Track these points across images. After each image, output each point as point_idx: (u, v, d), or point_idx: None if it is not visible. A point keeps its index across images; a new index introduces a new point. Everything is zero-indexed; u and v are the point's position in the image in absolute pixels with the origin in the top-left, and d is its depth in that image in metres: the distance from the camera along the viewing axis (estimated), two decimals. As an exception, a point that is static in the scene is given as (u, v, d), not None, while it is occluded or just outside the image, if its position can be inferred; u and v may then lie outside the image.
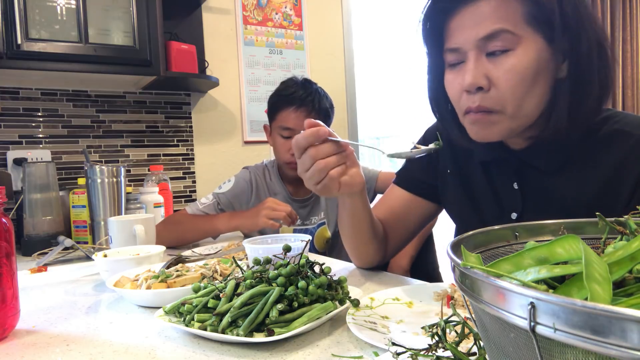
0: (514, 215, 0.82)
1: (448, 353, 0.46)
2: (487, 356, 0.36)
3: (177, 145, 2.21)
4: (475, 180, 0.89)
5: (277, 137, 1.48)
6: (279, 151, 1.49)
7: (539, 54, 0.69)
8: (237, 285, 0.67)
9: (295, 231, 1.54)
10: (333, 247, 1.58)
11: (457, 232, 0.98)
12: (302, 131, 0.76)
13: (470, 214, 0.90)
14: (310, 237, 0.90)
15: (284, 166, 1.51)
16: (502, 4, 0.69)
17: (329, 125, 1.52)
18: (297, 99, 1.44)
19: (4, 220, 0.68)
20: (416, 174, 1.00)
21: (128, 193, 1.54)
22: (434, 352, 0.47)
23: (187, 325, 0.64)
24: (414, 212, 1.00)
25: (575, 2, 0.69)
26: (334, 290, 0.70)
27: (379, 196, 1.66)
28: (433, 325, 0.49)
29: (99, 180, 1.36)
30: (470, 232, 0.40)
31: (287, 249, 0.74)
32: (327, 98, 1.51)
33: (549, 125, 0.73)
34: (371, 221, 0.92)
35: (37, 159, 1.86)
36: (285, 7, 2.49)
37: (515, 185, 0.82)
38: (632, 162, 0.72)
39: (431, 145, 0.75)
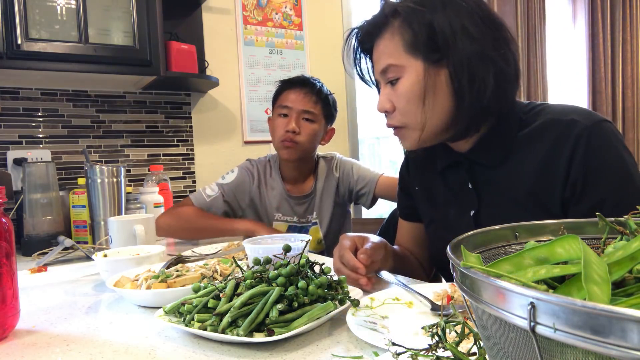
0: (472, 212, 0.90)
1: (448, 353, 0.46)
2: (487, 356, 0.37)
3: (177, 145, 2.21)
4: (437, 190, 0.98)
5: (276, 118, 1.50)
6: (275, 130, 1.50)
7: (419, 76, 0.81)
8: (237, 285, 0.67)
9: (291, 229, 1.55)
10: (326, 247, 1.58)
11: (429, 238, 1.05)
12: None
13: (438, 219, 0.99)
14: (310, 237, 0.90)
15: (279, 146, 1.49)
16: (388, 43, 0.84)
17: (331, 122, 1.56)
18: (298, 82, 1.50)
19: (3, 220, 0.68)
20: (404, 202, 1.11)
21: (128, 193, 1.54)
22: (434, 352, 0.47)
23: (187, 325, 0.64)
24: (423, 235, 1.09)
25: (448, 23, 0.78)
26: (334, 290, 0.70)
27: (380, 200, 1.66)
28: (433, 325, 0.49)
29: (99, 180, 1.36)
30: (470, 232, 0.40)
31: (287, 249, 0.74)
32: (330, 94, 1.54)
33: (454, 127, 0.84)
34: (401, 266, 1.02)
35: (37, 159, 1.86)
36: (285, 7, 2.49)
37: (470, 185, 0.90)
38: (563, 142, 0.79)
39: None
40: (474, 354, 0.46)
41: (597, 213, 0.40)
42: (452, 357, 0.46)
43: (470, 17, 0.79)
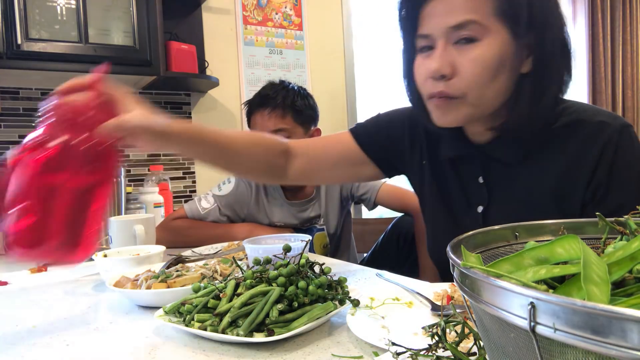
0: (480, 209, 0.85)
1: (448, 353, 0.46)
2: (487, 356, 0.37)
3: (177, 145, 2.21)
4: (445, 174, 0.91)
5: None
6: None
7: (503, 47, 0.71)
8: (237, 285, 0.67)
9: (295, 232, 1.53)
10: (331, 252, 1.58)
11: (427, 225, 0.98)
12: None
13: (441, 207, 0.92)
14: (310, 237, 0.90)
15: None
16: None
17: (313, 124, 1.50)
18: (259, 101, 1.42)
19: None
20: (382, 140, 0.97)
21: (128, 193, 1.54)
22: (434, 352, 0.47)
23: (187, 325, 0.64)
24: (350, 165, 0.98)
25: (548, 2, 0.72)
26: (334, 290, 0.70)
27: (379, 207, 1.66)
28: (433, 325, 0.49)
29: (99, 180, 1.36)
30: (470, 232, 0.40)
31: (287, 249, 0.74)
32: (302, 97, 1.46)
33: (510, 118, 0.76)
34: (225, 147, 0.89)
35: (37, 159, 1.86)
36: (285, 7, 2.49)
37: (481, 179, 0.85)
38: (589, 147, 0.75)
39: None
40: (474, 354, 0.46)
41: (597, 213, 0.40)
42: (452, 357, 0.46)
43: (556, 7, 0.74)
